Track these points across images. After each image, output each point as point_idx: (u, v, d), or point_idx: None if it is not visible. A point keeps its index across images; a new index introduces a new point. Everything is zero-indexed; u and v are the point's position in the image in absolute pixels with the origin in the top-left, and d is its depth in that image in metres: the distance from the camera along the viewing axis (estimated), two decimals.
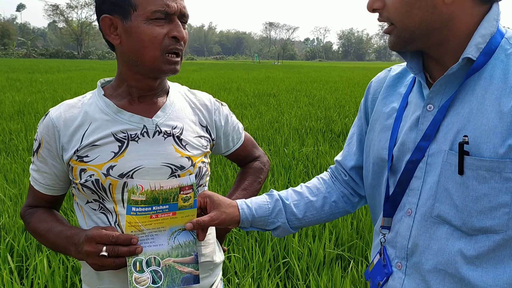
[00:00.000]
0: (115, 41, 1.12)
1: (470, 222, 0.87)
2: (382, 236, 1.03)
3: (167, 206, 1.07)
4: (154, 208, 1.06)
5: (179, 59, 1.13)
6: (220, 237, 1.39)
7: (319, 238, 3.15)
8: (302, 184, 1.26)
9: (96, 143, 1.12)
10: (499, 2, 0.90)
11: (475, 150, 0.85)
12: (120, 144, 1.13)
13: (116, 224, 1.13)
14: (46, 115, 1.18)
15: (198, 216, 1.12)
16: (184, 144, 1.19)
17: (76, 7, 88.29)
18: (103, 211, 1.15)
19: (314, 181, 1.27)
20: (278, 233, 1.20)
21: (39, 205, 1.24)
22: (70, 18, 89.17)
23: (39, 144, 1.17)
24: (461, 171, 0.86)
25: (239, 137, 1.42)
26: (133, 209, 1.04)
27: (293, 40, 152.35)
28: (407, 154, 0.98)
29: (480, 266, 0.87)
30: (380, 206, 1.10)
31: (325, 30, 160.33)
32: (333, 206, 1.22)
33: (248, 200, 1.18)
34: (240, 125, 1.43)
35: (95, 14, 1.15)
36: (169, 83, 1.27)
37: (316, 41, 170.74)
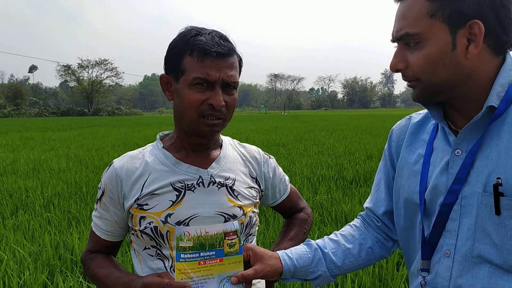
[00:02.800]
0: (169, 97, 1.23)
1: (510, 259, 0.91)
2: (422, 279, 1.05)
3: (214, 252, 1.10)
4: (201, 254, 1.09)
5: (218, 121, 1.19)
6: (269, 286, 1.41)
7: (341, 287, 3.11)
8: (336, 232, 1.30)
9: (155, 192, 1.19)
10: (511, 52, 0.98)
11: (508, 191, 0.90)
12: (177, 193, 1.20)
13: (172, 269, 1.18)
14: (110, 165, 1.26)
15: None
16: (236, 194, 1.25)
17: (87, 66, 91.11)
18: (159, 257, 1.20)
19: (347, 229, 1.31)
20: (318, 282, 1.22)
21: (99, 250, 1.31)
22: (81, 77, 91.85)
23: (103, 193, 1.25)
24: (497, 212, 0.90)
25: (286, 188, 1.48)
26: (182, 255, 1.08)
27: (298, 90, 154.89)
28: (440, 197, 1.02)
29: None
30: (414, 248, 1.13)
31: (329, 79, 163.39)
32: (369, 252, 1.26)
33: (288, 251, 1.22)
34: (287, 177, 1.50)
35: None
36: (221, 136, 1.35)
37: (320, 91, 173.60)
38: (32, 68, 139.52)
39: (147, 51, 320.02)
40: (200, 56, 1.14)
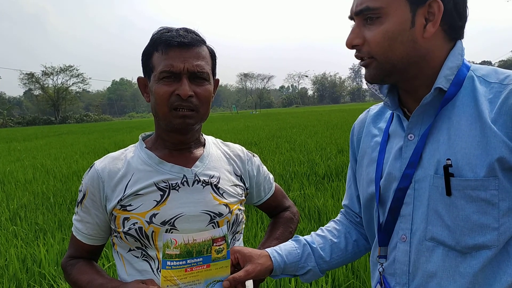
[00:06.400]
0: (146, 98, 1.23)
1: (463, 240, 0.91)
2: (380, 265, 1.05)
3: (201, 259, 1.08)
4: (188, 261, 1.07)
5: (190, 112, 1.17)
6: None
7: (315, 281, 3.12)
8: (322, 227, 1.30)
9: (139, 193, 1.18)
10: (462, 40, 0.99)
11: (458, 172, 0.91)
12: (162, 193, 1.19)
13: (158, 270, 1.16)
14: (91, 167, 1.23)
15: (231, 272, 1.13)
16: (221, 192, 1.25)
17: (52, 73, 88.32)
18: (145, 259, 1.18)
19: (332, 224, 1.32)
20: (308, 278, 1.22)
21: (80, 255, 1.27)
22: (46, 85, 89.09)
23: (84, 195, 1.22)
24: (448, 193, 0.91)
25: (270, 187, 1.47)
26: (168, 263, 1.06)
27: (268, 89, 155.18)
28: (394, 183, 1.02)
29: (478, 280, 0.91)
30: (373, 238, 1.14)
31: (299, 76, 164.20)
32: (355, 245, 1.27)
33: (277, 248, 1.21)
34: (271, 176, 1.49)
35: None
36: (204, 136, 1.35)
37: (291, 88, 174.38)
38: None
39: (113, 55, 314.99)
40: (164, 49, 1.16)
